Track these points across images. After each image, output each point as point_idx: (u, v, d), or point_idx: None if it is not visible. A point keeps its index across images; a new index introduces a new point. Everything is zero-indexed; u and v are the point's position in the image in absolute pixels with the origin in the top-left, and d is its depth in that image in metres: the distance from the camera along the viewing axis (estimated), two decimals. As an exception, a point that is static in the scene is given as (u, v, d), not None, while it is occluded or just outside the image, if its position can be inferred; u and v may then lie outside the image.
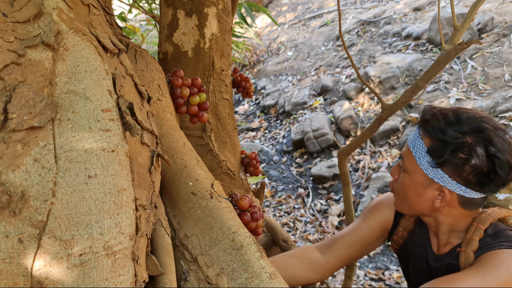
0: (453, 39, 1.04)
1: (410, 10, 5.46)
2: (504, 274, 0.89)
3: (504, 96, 3.39)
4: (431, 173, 0.99)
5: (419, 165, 1.00)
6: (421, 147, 1.00)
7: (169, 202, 0.75)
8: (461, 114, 0.97)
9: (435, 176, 0.98)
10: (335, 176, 3.63)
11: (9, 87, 0.47)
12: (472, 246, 0.98)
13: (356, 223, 1.24)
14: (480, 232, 0.99)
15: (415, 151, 1.01)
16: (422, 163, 1.00)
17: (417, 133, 1.03)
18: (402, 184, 1.06)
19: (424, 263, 1.13)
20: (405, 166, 1.04)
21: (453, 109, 1.01)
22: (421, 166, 1.00)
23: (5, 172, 0.45)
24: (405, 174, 1.05)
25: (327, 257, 1.19)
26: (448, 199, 0.99)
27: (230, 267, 0.63)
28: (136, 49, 0.92)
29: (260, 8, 2.11)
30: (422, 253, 1.14)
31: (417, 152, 1.01)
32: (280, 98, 5.12)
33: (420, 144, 1.00)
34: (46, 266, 0.45)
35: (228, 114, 1.24)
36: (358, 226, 1.22)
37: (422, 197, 1.02)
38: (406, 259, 1.21)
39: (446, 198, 1.00)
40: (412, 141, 1.03)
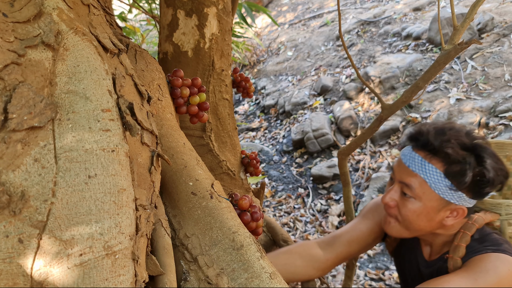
0: (453, 39, 1.04)
1: (410, 10, 5.46)
2: (493, 278, 0.90)
3: (504, 96, 3.39)
4: (448, 196, 0.96)
5: (434, 190, 0.96)
6: (434, 172, 0.95)
7: (169, 202, 0.75)
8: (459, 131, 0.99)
9: (452, 198, 0.96)
10: (335, 176, 3.63)
11: (9, 87, 0.47)
12: (459, 252, 1.00)
13: (355, 222, 1.25)
14: (467, 238, 1.00)
15: (428, 177, 0.96)
16: (438, 188, 0.95)
17: (418, 157, 0.98)
18: (411, 212, 1.00)
19: (415, 269, 1.14)
20: (415, 193, 0.98)
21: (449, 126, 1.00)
22: (437, 191, 0.96)
23: (5, 172, 0.45)
24: (414, 201, 0.99)
25: (327, 253, 1.20)
26: (462, 215, 0.99)
27: (230, 267, 0.63)
28: (136, 49, 0.92)
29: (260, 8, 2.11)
30: (413, 259, 1.15)
31: (431, 178, 0.96)
32: (280, 98, 5.12)
33: (431, 169, 0.96)
34: (46, 266, 0.45)
35: (228, 114, 1.24)
36: (357, 225, 1.23)
37: (434, 221, 1.00)
38: (401, 262, 1.22)
39: (460, 214, 0.99)
40: (419, 166, 0.98)
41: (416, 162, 0.99)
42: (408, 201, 1.00)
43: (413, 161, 0.99)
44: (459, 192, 0.96)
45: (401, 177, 1.02)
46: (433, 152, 0.97)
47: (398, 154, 3.59)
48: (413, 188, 0.98)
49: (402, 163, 1.03)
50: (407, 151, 1.04)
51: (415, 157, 0.99)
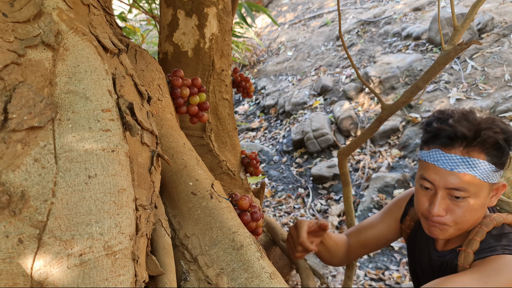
0: (453, 39, 1.04)
1: (410, 10, 5.46)
2: (506, 281, 0.89)
3: (504, 96, 3.39)
4: (494, 179, 0.95)
5: (485, 180, 0.94)
6: (480, 164, 0.93)
7: (169, 202, 0.75)
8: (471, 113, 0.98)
9: (495, 178, 0.96)
10: (335, 176, 3.63)
11: (9, 87, 0.47)
12: (472, 246, 0.98)
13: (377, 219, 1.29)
14: (483, 234, 0.98)
15: (476, 172, 0.93)
16: (487, 177, 0.94)
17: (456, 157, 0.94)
18: (468, 210, 0.96)
19: (427, 257, 1.14)
20: (470, 192, 0.94)
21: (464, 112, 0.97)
22: (486, 179, 0.94)
23: (5, 172, 0.45)
24: (469, 199, 0.95)
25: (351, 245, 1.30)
26: (503, 190, 0.99)
27: (230, 267, 0.63)
28: (136, 49, 0.92)
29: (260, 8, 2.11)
30: (426, 247, 1.15)
31: (478, 171, 0.93)
32: (280, 98, 5.12)
33: (477, 163, 0.93)
34: (46, 266, 0.45)
35: (228, 114, 1.24)
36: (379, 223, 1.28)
37: (485, 206, 0.98)
38: (413, 250, 1.22)
39: (501, 190, 0.99)
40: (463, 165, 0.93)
41: (458, 162, 0.93)
42: (461, 202, 0.95)
43: (454, 162, 0.94)
44: (500, 171, 0.95)
45: (446, 183, 0.95)
46: (468, 144, 0.93)
47: (398, 154, 3.58)
48: (467, 189, 0.93)
49: (440, 169, 0.96)
50: (439, 155, 0.96)
51: (453, 158, 0.94)
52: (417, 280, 1.22)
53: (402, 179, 3.24)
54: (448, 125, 0.94)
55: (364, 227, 1.30)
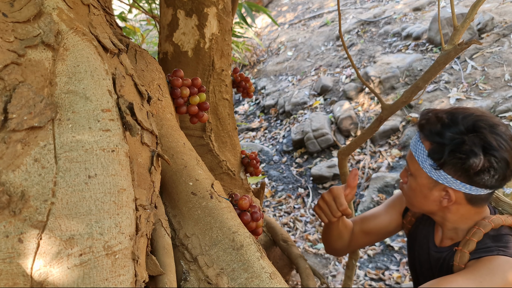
0: (453, 39, 1.04)
1: (410, 10, 5.46)
2: (499, 282, 0.90)
3: (504, 96, 3.39)
4: (434, 175, 1.01)
5: (423, 168, 1.02)
6: (422, 151, 1.02)
7: (169, 202, 0.75)
8: (457, 114, 0.99)
9: (438, 177, 1.00)
10: (335, 176, 3.63)
11: (9, 87, 0.47)
12: (469, 246, 1.00)
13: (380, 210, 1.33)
14: (480, 235, 1.00)
15: (417, 155, 1.03)
16: (425, 166, 1.02)
17: (417, 137, 1.06)
18: (410, 187, 1.08)
19: (425, 252, 1.16)
20: (411, 170, 1.07)
21: (450, 110, 1.02)
22: (424, 169, 1.02)
23: (5, 172, 0.45)
24: (412, 178, 1.07)
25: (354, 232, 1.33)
26: (453, 198, 1.01)
27: (230, 267, 0.63)
28: (136, 49, 0.92)
29: (260, 8, 2.11)
30: (425, 242, 1.17)
31: (419, 156, 1.03)
32: (280, 98, 5.12)
33: (421, 148, 1.03)
34: (46, 266, 0.45)
35: (228, 114, 1.24)
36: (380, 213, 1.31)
37: (429, 199, 1.05)
38: (412, 245, 1.24)
39: (451, 197, 1.01)
40: (414, 145, 1.06)
41: (414, 143, 1.07)
42: (410, 178, 1.08)
43: (414, 141, 1.07)
44: (441, 172, 0.99)
45: (407, 156, 1.10)
46: (424, 133, 1.03)
47: (398, 154, 3.59)
48: (409, 166, 1.07)
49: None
50: (417, 133, 1.09)
51: (416, 138, 1.07)
52: (416, 275, 1.24)
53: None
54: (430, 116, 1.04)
55: (367, 216, 1.33)
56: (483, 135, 0.94)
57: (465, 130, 0.96)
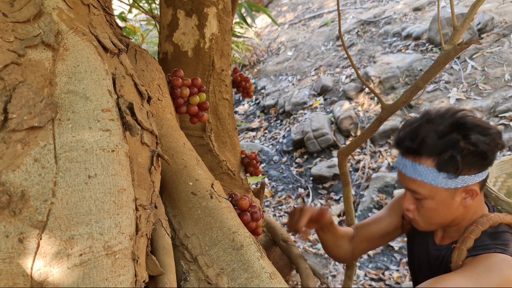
0: (453, 39, 1.04)
1: (410, 10, 5.46)
2: (496, 279, 0.90)
3: (504, 96, 3.39)
4: (452, 184, 0.97)
5: (437, 186, 0.97)
6: (428, 171, 0.97)
7: (169, 202, 0.75)
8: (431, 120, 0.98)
9: (457, 184, 0.97)
10: (335, 176, 3.63)
11: (9, 87, 0.47)
12: (467, 243, 1.00)
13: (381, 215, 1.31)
14: (477, 232, 1.00)
15: (425, 178, 0.97)
16: (439, 183, 0.97)
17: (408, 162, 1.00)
18: (428, 210, 1.02)
19: (425, 251, 1.16)
20: (423, 195, 1.00)
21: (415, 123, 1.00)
22: (439, 185, 0.97)
23: (5, 172, 0.45)
24: (427, 200, 1.01)
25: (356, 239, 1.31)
26: (476, 192, 0.99)
27: (230, 267, 0.63)
28: (136, 49, 0.92)
29: (260, 8, 2.11)
30: (424, 243, 1.17)
31: (427, 176, 0.97)
32: (280, 98, 5.12)
33: (424, 170, 0.97)
34: (46, 266, 0.45)
35: (228, 114, 1.24)
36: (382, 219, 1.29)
37: (453, 207, 1.01)
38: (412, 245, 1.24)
39: (474, 192, 0.99)
40: (413, 171, 0.99)
41: (409, 168, 1.00)
42: (423, 201, 1.01)
43: (407, 168, 1.01)
44: (460, 177, 0.96)
45: (405, 184, 1.04)
46: (418, 153, 0.98)
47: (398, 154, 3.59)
48: (419, 192, 1.00)
49: (401, 171, 1.05)
50: (399, 159, 1.05)
51: (406, 163, 1.01)
52: (415, 274, 1.24)
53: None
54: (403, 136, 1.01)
55: (368, 222, 1.32)
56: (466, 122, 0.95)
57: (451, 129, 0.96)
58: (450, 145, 0.94)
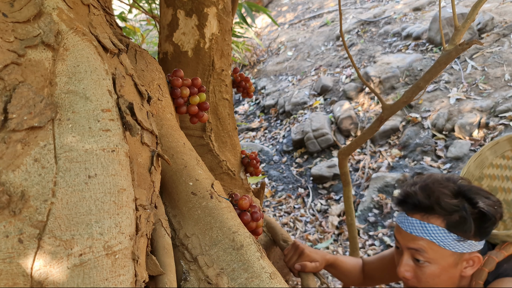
0: (454, 39, 1.04)
1: (410, 10, 5.46)
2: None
3: (504, 96, 3.39)
4: (459, 248, 0.95)
5: (445, 247, 0.94)
6: (437, 230, 0.95)
7: (169, 202, 0.75)
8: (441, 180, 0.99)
9: (464, 248, 0.95)
10: (335, 176, 3.63)
11: (9, 87, 0.47)
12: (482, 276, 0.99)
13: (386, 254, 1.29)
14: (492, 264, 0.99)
15: (433, 237, 0.95)
16: (447, 244, 0.94)
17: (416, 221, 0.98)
18: (431, 277, 0.97)
19: None
20: (427, 257, 0.96)
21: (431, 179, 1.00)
22: (447, 247, 0.94)
23: (5, 172, 0.45)
24: (429, 265, 0.97)
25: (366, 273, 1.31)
26: (479, 260, 0.98)
27: (230, 267, 0.63)
28: (136, 49, 0.92)
29: (260, 8, 2.11)
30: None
31: (436, 237, 0.94)
32: (280, 98, 5.12)
33: (434, 229, 0.95)
34: (46, 266, 0.45)
35: (228, 114, 1.24)
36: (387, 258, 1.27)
37: (455, 276, 0.98)
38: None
39: (476, 262, 0.98)
40: (420, 230, 0.96)
41: (416, 226, 0.97)
42: (424, 267, 0.97)
43: (413, 226, 0.98)
44: (468, 241, 0.95)
45: (407, 244, 1.00)
46: (428, 211, 0.96)
47: (398, 154, 3.59)
48: (424, 252, 0.96)
49: (402, 230, 1.01)
50: (403, 218, 1.02)
51: (413, 222, 0.98)
52: None
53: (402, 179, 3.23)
54: (413, 192, 1.00)
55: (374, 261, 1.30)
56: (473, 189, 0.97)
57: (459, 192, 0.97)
58: (462, 206, 0.93)
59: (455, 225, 0.94)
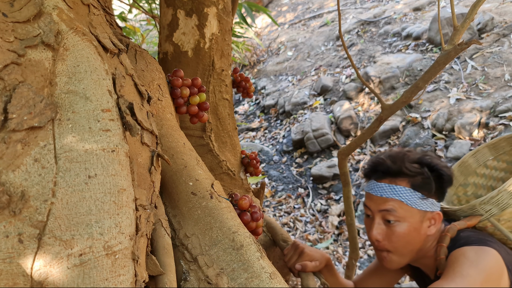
0: (453, 39, 1.04)
1: (410, 10, 5.46)
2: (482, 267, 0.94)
3: (504, 96, 3.39)
4: (424, 206, 1.06)
5: (412, 206, 1.05)
6: (404, 190, 1.05)
7: (169, 202, 0.75)
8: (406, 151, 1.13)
9: (427, 206, 1.06)
10: (335, 176, 3.63)
11: (9, 87, 0.47)
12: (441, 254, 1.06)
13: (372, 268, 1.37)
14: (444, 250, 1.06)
15: (402, 197, 1.05)
16: (414, 202, 1.05)
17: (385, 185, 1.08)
18: (402, 235, 1.06)
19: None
20: (398, 216, 1.05)
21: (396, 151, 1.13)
22: (414, 205, 1.05)
23: (5, 172, 0.45)
24: (400, 224, 1.06)
25: None
26: (440, 217, 1.08)
27: (230, 267, 0.63)
28: (136, 49, 0.92)
29: (260, 8, 2.11)
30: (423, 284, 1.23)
31: (404, 196, 1.05)
32: (280, 98, 5.12)
33: (401, 189, 1.05)
34: (46, 266, 0.45)
35: (228, 114, 1.24)
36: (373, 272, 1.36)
37: (421, 232, 1.07)
38: None
39: (438, 220, 1.08)
40: (390, 191, 1.06)
41: (386, 189, 1.07)
42: (395, 226, 1.06)
43: (383, 190, 1.08)
44: (430, 200, 1.06)
45: (378, 207, 1.08)
46: (395, 175, 1.07)
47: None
48: (394, 211, 1.05)
49: (373, 196, 1.10)
50: (373, 184, 1.12)
51: (383, 186, 1.08)
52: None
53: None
54: (381, 160, 1.11)
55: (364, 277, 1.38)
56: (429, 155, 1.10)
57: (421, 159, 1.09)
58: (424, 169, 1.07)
59: (419, 185, 1.05)
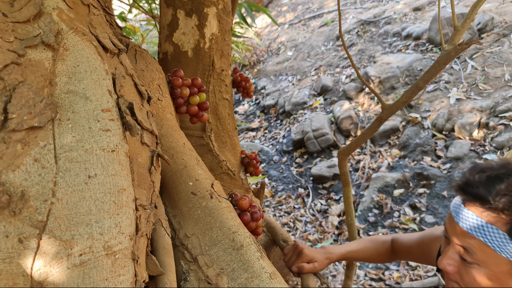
0: (453, 39, 1.04)
1: (410, 10, 5.46)
2: None
3: (504, 96, 3.39)
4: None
5: (501, 254, 0.79)
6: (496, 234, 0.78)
7: (169, 202, 0.75)
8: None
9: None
10: (335, 176, 3.63)
11: (9, 87, 0.47)
12: None
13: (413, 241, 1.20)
14: None
15: (489, 240, 0.79)
16: (505, 251, 0.78)
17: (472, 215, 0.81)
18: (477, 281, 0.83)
19: None
20: (477, 259, 0.81)
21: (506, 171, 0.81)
22: (504, 254, 0.78)
23: (5, 172, 0.45)
24: (478, 268, 0.82)
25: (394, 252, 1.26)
26: None
27: (230, 267, 0.63)
28: (136, 49, 0.92)
29: (260, 8, 2.11)
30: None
31: (493, 240, 0.78)
32: (280, 98, 5.12)
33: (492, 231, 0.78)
34: (46, 266, 0.45)
35: (228, 114, 1.24)
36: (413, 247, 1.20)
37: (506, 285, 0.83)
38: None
39: None
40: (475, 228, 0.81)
41: (471, 222, 0.81)
42: (471, 268, 0.83)
43: (467, 221, 0.82)
44: None
45: (457, 238, 0.85)
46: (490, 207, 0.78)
47: (398, 154, 3.58)
48: (474, 253, 0.81)
49: (454, 221, 0.86)
50: (457, 207, 0.86)
51: (468, 216, 0.82)
52: None
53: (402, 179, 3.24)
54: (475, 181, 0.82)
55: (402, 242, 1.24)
56: None
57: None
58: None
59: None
